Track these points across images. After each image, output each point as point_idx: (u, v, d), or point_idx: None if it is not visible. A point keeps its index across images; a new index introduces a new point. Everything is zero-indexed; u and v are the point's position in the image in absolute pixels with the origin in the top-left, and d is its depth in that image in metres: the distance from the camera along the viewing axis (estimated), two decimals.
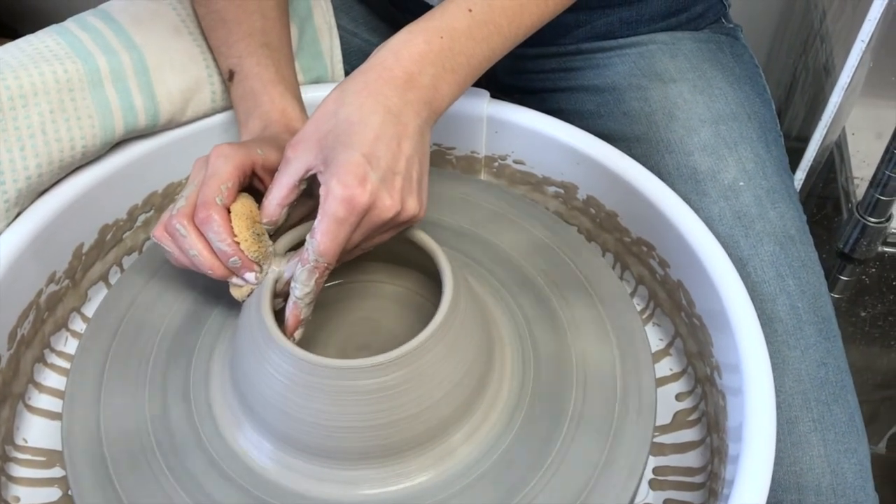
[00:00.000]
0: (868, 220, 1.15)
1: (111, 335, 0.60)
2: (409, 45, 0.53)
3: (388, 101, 0.51)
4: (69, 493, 0.55)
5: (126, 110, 0.65)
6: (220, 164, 0.54)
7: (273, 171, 0.55)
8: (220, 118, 0.71)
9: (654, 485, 0.57)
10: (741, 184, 0.66)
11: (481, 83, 0.65)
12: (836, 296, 1.18)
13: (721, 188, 0.66)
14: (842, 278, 1.20)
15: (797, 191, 0.71)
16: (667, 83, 0.72)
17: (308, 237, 0.51)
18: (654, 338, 0.66)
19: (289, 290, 0.53)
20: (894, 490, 0.98)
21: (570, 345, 0.59)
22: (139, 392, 0.57)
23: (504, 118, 0.70)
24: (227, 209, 0.54)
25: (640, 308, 0.68)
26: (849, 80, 1.06)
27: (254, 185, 0.58)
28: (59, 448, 0.56)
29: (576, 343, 0.59)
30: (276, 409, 0.51)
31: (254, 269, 0.54)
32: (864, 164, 1.20)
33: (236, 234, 0.53)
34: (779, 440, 0.54)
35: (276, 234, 0.56)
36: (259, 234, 0.54)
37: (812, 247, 0.66)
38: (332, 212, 0.49)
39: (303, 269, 0.51)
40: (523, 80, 0.82)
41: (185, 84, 0.67)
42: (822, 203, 1.25)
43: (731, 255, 0.60)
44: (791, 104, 1.33)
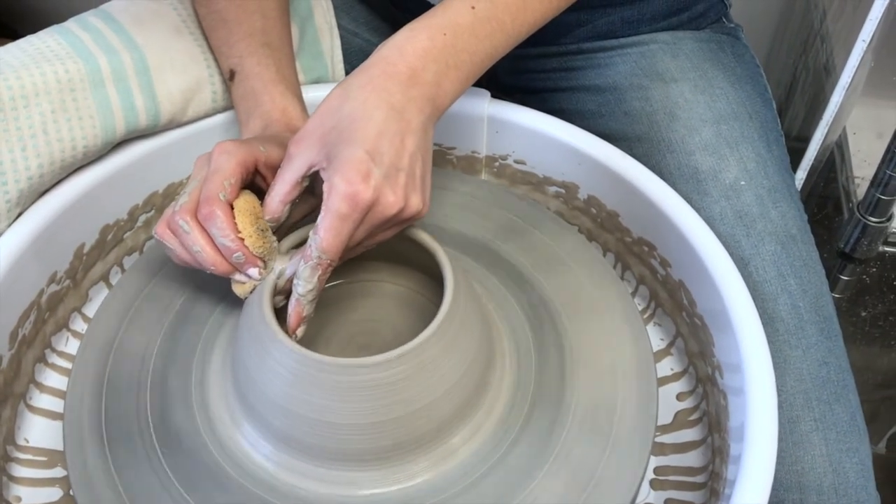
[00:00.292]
0: (869, 220, 1.15)
1: (112, 335, 0.60)
2: (413, 42, 0.53)
3: (392, 97, 0.51)
4: (70, 493, 0.55)
5: (127, 110, 0.65)
6: (222, 161, 0.54)
7: (275, 169, 0.55)
8: (220, 118, 0.71)
9: (656, 485, 0.57)
10: (742, 183, 0.66)
11: (482, 83, 0.65)
12: (836, 295, 1.17)
13: (722, 188, 0.66)
14: (842, 278, 1.20)
15: (798, 190, 0.71)
16: (668, 83, 0.72)
17: (311, 233, 0.50)
18: (656, 338, 0.66)
19: (291, 287, 0.53)
20: (895, 490, 0.98)
21: (570, 345, 0.59)
22: (140, 392, 0.57)
23: (505, 118, 0.70)
24: (231, 205, 0.53)
25: (641, 308, 0.68)
26: (850, 80, 1.07)
27: (256, 183, 0.57)
28: (61, 448, 0.56)
29: (576, 344, 0.59)
30: (277, 406, 0.51)
31: (258, 265, 0.54)
32: (864, 164, 1.20)
33: (240, 230, 0.53)
34: (780, 439, 0.54)
35: (277, 232, 0.56)
36: (263, 230, 0.53)
37: (813, 246, 0.66)
38: (336, 208, 0.49)
39: (306, 266, 0.51)
40: (524, 79, 0.82)
41: (185, 84, 0.67)
42: (823, 203, 1.25)
43: (732, 254, 0.60)
44: (791, 104, 1.33)
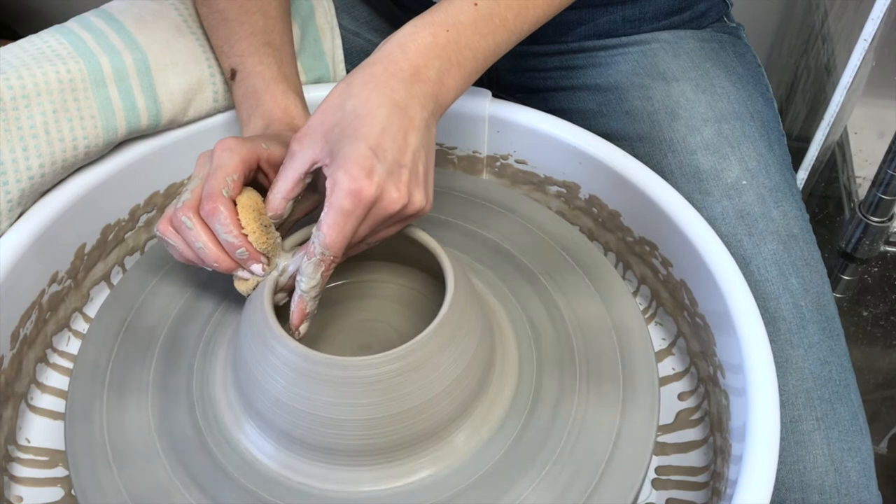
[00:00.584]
0: (870, 220, 1.15)
1: (113, 335, 0.60)
2: (415, 39, 0.53)
3: (395, 94, 0.51)
4: (72, 493, 0.55)
5: (128, 110, 0.65)
6: (225, 157, 0.53)
7: (277, 166, 0.55)
8: (221, 118, 0.71)
9: (657, 484, 0.57)
10: (744, 183, 0.66)
11: (483, 82, 0.65)
12: (837, 295, 1.17)
13: (724, 187, 0.66)
14: (844, 278, 1.20)
15: (799, 190, 0.71)
16: (669, 82, 0.72)
17: (314, 230, 0.50)
18: (657, 337, 0.66)
19: (294, 284, 0.53)
20: (895, 490, 0.98)
21: (572, 345, 0.59)
22: (141, 392, 0.57)
23: (506, 118, 0.70)
24: (234, 201, 0.53)
25: (642, 307, 0.68)
26: (851, 80, 1.06)
27: (258, 180, 0.57)
28: (62, 448, 0.56)
29: (579, 344, 0.59)
30: (278, 404, 0.51)
31: (261, 261, 0.53)
32: (866, 164, 1.20)
33: (243, 226, 0.52)
34: (782, 439, 0.54)
35: (280, 230, 0.56)
36: (266, 226, 0.53)
37: (815, 245, 0.66)
38: (339, 204, 0.49)
39: (309, 263, 0.51)
40: (525, 78, 0.82)
41: (187, 84, 0.67)
42: (824, 202, 1.25)
43: (734, 254, 0.60)
44: (792, 104, 1.33)
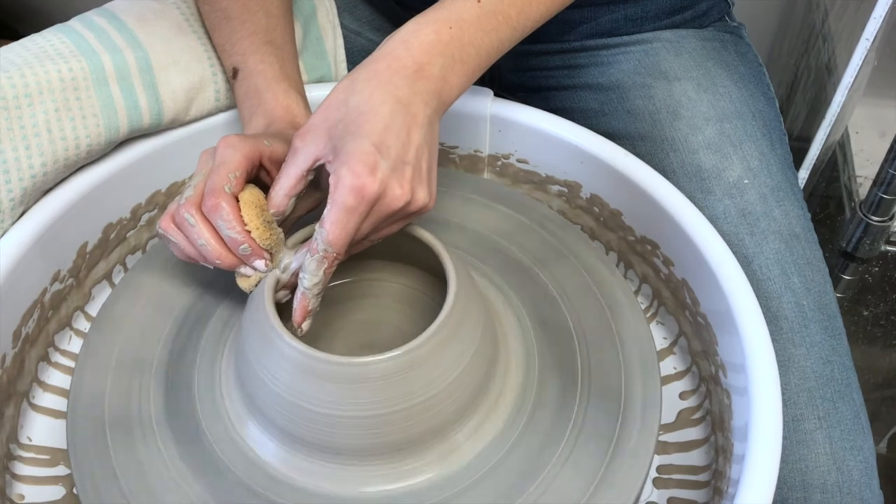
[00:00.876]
0: (871, 219, 1.15)
1: (115, 334, 0.60)
2: (419, 36, 0.53)
3: (398, 90, 0.51)
4: (74, 491, 0.55)
5: (131, 109, 0.65)
6: (228, 154, 0.53)
7: (280, 163, 0.55)
8: (223, 117, 0.71)
9: (659, 483, 0.57)
10: (746, 182, 0.66)
11: (485, 81, 0.65)
12: (838, 295, 1.17)
13: (726, 186, 0.66)
14: (844, 277, 1.20)
15: (801, 189, 0.71)
16: (671, 81, 0.72)
17: (317, 226, 0.50)
18: (658, 336, 0.66)
19: (296, 281, 0.53)
20: (895, 490, 0.98)
21: (574, 345, 0.59)
22: (143, 392, 0.57)
23: (507, 117, 0.70)
24: (236, 198, 0.53)
25: (643, 307, 0.68)
26: (852, 79, 1.06)
27: (260, 178, 0.57)
28: (64, 446, 0.56)
29: (580, 343, 0.59)
30: (280, 402, 0.51)
31: (264, 257, 0.53)
32: (867, 163, 1.20)
33: (246, 222, 0.52)
34: (784, 437, 0.54)
35: (282, 227, 0.55)
36: (269, 223, 0.53)
37: (817, 245, 0.66)
38: (342, 200, 0.49)
39: (311, 259, 0.51)
40: (527, 77, 0.82)
41: (189, 83, 0.67)
42: (825, 202, 1.25)
43: (735, 253, 0.60)
44: (792, 104, 1.33)
